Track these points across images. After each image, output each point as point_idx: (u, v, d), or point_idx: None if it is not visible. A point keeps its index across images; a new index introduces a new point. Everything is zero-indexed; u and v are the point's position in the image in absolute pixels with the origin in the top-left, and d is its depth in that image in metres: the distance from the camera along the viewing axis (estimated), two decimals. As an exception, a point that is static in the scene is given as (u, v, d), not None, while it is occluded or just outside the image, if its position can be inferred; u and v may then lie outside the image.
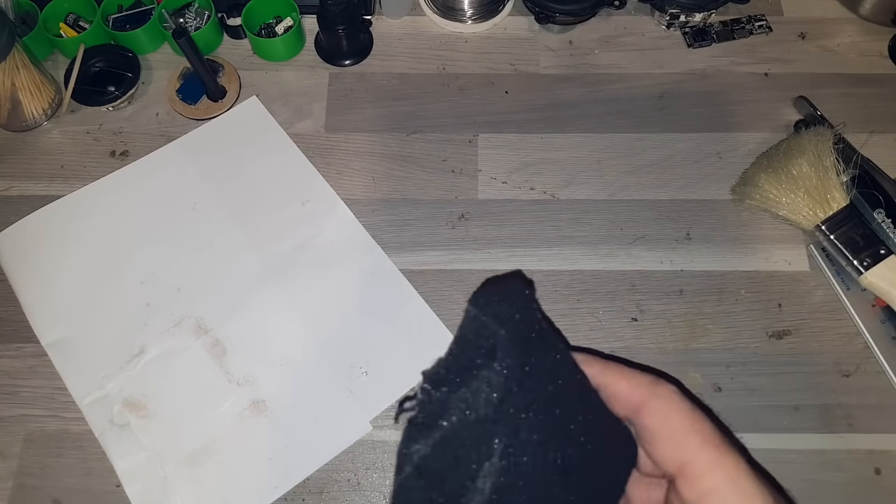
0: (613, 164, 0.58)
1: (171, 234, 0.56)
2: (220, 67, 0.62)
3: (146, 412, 0.49)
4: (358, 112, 0.61)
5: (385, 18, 0.65)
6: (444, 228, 0.56)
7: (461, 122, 0.60)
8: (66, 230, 0.56)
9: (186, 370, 0.51)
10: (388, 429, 0.49)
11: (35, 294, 0.53)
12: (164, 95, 0.62)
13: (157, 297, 0.53)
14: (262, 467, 0.48)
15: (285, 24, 0.63)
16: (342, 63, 0.63)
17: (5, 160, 0.59)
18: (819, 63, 0.62)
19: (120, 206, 0.57)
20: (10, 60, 0.55)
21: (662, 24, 0.64)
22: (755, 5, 0.65)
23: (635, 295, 0.53)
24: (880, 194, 0.52)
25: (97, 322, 0.52)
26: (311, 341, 0.51)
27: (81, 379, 0.50)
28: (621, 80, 0.62)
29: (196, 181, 0.58)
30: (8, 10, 0.57)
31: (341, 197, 0.57)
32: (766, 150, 0.56)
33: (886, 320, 0.51)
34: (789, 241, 0.55)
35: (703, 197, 0.57)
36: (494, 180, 0.58)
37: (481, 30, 0.64)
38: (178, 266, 0.54)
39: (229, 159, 0.59)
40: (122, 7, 0.63)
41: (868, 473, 0.48)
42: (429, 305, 0.52)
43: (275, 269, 0.54)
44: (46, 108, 0.60)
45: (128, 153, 0.59)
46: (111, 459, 0.48)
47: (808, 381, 0.50)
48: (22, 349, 0.52)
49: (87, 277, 0.54)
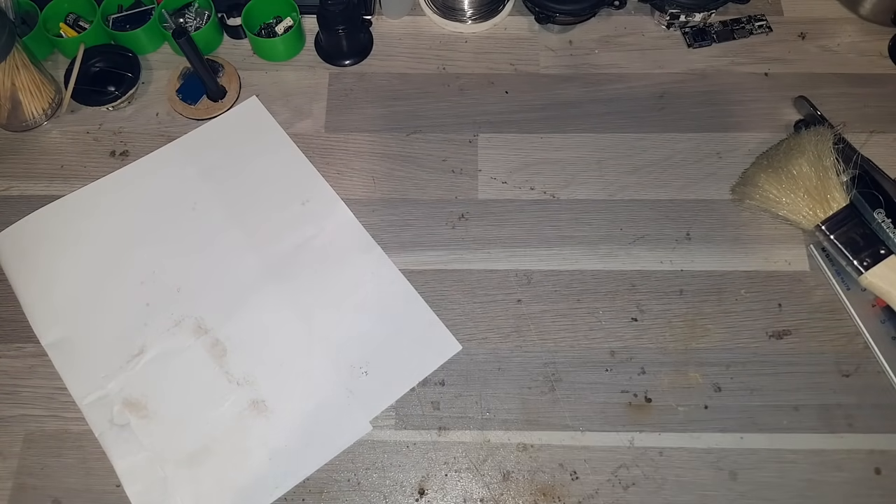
0: (613, 164, 0.58)
1: (171, 234, 0.56)
2: (220, 67, 0.62)
3: (146, 412, 0.49)
4: (358, 112, 0.61)
5: (385, 18, 0.65)
6: (444, 228, 0.56)
7: (461, 122, 0.60)
8: (66, 230, 0.56)
9: (186, 370, 0.51)
10: (388, 429, 0.49)
11: (35, 294, 0.53)
12: (164, 95, 0.62)
13: (157, 297, 0.53)
14: (262, 467, 0.48)
15: (285, 24, 0.63)
16: (342, 63, 0.63)
17: (5, 160, 0.59)
18: (819, 63, 0.62)
19: (120, 206, 0.57)
20: (10, 60, 0.55)
21: (662, 24, 0.64)
22: (755, 5, 0.65)
23: (635, 295, 0.53)
24: (880, 194, 0.52)
25: (97, 322, 0.52)
26: (310, 341, 0.51)
27: (81, 379, 0.50)
28: (621, 80, 0.62)
29: (196, 181, 0.58)
30: (8, 10, 0.58)
31: (341, 197, 0.57)
32: (766, 150, 0.56)
33: (886, 320, 0.51)
34: (789, 241, 0.55)
35: (703, 197, 0.57)
36: (494, 180, 0.58)
37: (481, 30, 0.64)
38: (178, 266, 0.54)
39: (229, 159, 0.59)
40: (122, 7, 0.63)
41: (868, 473, 0.48)
42: (429, 305, 0.52)
43: (275, 269, 0.54)
44: (46, 108, 0.60)
45: (128, 153, 0.59)
46: (111, 459, 0.48)
47: (808, 381, 0.50)
48: (22, 349, 0.52)
49: (87, 277, 0.54)
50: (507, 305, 0.53)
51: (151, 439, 0.49)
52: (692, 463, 0.48)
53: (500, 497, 0.47)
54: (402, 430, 0.49)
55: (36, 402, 0.51)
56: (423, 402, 0.50)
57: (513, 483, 0.48)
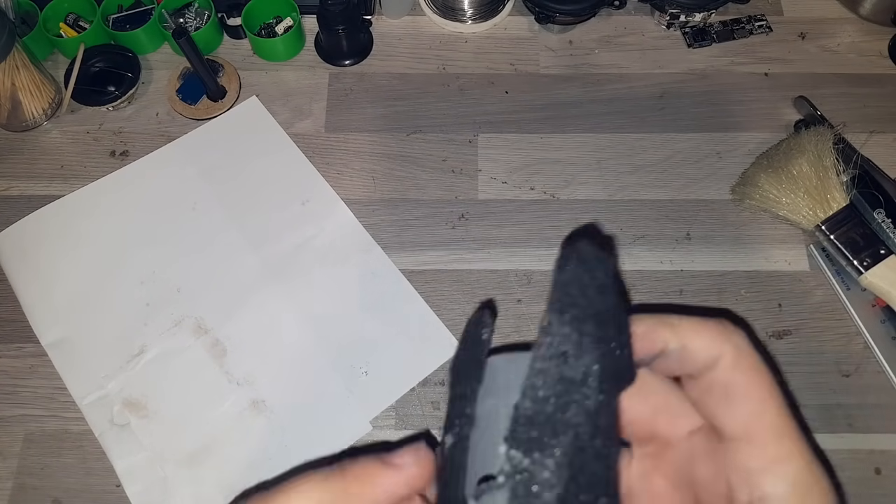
0: (613, 164, 0.58)
1: (171, 234, 0.56)
2: (220, 67, 0.62)
3: (146, 412, 0.49)
4: (358, 112, 0.61)
5: (385, 18, 0.65)
6: (444, 228, 0.56)
7: (461, 122, 0.60)
8: (66, 230, 0.56)
9: (186, 370, 0.51)
10: (388, 429, 0.49)
11: (35, 294, 0.53)
12: (165, 95, 0.62)
13: (157, 297, 0.53)
14: (262, 467, 0.48)
15: (285, 24, 0.63)
16: (342, 63, 0.63)
17: (5, 160, 0.59)
18: (819, 63, 0.62)
19: (120, 206, 0.57)
20: (10, 60, 0.55)
21: (662, 24, 0.64)
22: (755, 5, 0.65)
23: (635, 295, 0.53)
24: (880, 194, 0.52)
25: (97, 322, 0.52)
26: (311, 341, 0.51)
27: (81, 379, 0.50)
28: (621, 80, 0.62)
29: (196, 181, 0.58)
30: (8, 10, 0.57)
31: (341, 197, 0.57)
32: (766, 149, 0.56)
33: (886, 320, 0.51)
34: (789, 241, 0.55)
35: (703, 197, 0.57)
36: (494, 180, 0.58)
37: (481, 30, 0.64)
38: (178, 266, 0.54)
39: (229, 159, 0.59)
40: (122, 7, 0.63)
41: (868, 473, 0.48)
42: (429, 305, 0.52)
43: (275, 270, 0.54)
44: (46, 108, 0.60)
45: (128, 153, 0.59)
46: (111, 459, 0.48)
47: (808, 381, 0.50)
48: (22, 349, 0.52)
49: (87, 277, 0.54)
50: (508, 305, 0.53)
51: (151, 439, 0.48)
52: (692, 463, 0.48)
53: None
54: (402, 430, 0.49)
55: (36, 402, 0.51)
56: (423, 402, 0.50)
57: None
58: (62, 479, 0.48)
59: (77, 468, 0.48)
